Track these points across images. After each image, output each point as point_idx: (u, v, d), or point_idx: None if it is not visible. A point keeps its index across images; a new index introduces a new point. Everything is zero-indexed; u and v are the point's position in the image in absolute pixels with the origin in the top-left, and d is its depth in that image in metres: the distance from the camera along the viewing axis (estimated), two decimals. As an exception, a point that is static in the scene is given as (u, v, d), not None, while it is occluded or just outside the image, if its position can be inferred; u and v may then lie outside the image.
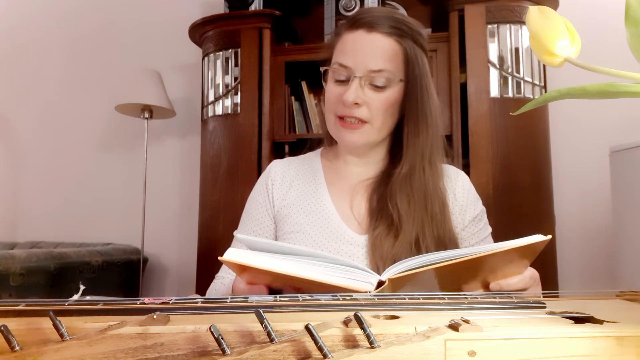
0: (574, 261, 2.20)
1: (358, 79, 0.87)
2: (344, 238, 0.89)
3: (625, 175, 1.62)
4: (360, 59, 0.87)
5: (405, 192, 0.87)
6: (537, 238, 0.61)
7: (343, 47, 0.90)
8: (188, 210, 2.70)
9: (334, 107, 0.91)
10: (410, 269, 0.62)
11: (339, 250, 0.88)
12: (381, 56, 0.87)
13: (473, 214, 0.95)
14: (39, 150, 3.03)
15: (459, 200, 0.94)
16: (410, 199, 0.87)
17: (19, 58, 3.12)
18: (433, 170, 0.90)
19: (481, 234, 0.95)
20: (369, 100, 0.87)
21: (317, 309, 0.48)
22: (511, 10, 2.01)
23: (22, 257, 1.91)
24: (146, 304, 0.48)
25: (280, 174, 1.00)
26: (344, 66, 0.88)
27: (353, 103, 0.87)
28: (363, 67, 0.87)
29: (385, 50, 0.87)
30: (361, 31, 0.88)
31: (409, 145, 0.90)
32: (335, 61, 0.91)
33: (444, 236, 0.86)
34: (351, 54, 0.88)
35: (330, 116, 0.92)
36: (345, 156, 0.99)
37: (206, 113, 2.35)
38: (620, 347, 0.40)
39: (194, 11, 2.76)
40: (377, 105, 0.88)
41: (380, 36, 0.88)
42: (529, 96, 1.99)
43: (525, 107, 0.49)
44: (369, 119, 0.88)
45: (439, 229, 0.86)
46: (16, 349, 0.38)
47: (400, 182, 0.88)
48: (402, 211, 0.86)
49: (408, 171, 0.88)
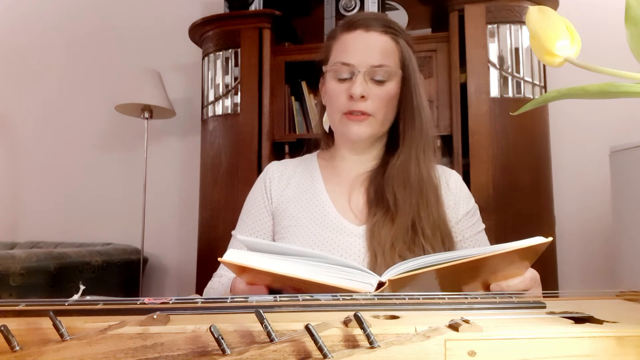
0: (574, 261, 2.20)
1: (362, 74, 0.91)
2: (342, 230, 0.92)
3: (625, 175, 1.62)
4: (362, 55, 0.92)
5: (402, 179, 0.92)
6: (538, 240, 0.61)
7: (343, 47, 0.94)
8: (188, 210, 2.69)
9: (339, 103, 0.94)
10: (411, 270, 0.62)
11: (337, 241, 0.90)
12: (380, 52, 0.92)
13: (466, 208, 0.97)
14: (39, 150, 3.03)
15: (453, 192, 0.97)
16: (406, 185, 0.91)
17: (19, 58, 3.12)
18: (426, 160, 0.94)
19: (475, 228, 0.97)
20: (372, 94, 0.92)
21: (317, 309, 0.48)
22: (511, 10, 2.01)
23: (22, 257, 1.91)
24: (146, 304, 0.48)
25: (277, 172, 1.04)
26: (346, 64, 0.92)
27: (360, 96, 0.90)
28: (365, 63, 0.91)
29: (384, 47, 0.93)
30: (359, 31, 0.93)
31: (405, 137, 0.95)
32: (336, 61, 0.94)
33: (439, 222, 0.90)
34: (352, 52, 0.92)
35: (336, 114, 0.95)
36: (343, 154, 1.01)
37: (206, 113, 2.35)
38: (620, 347, 0.40)
39: (194, 11, 2.76)
40: (379, 99, 0.92)
41: (378, 34, 0.93)
42: (529, 96, 1.99)
43: (525, 107, 0.49)
44: (373, 112, 0.92)
45: (434, 214, 0.89)
46: (16, 349, 0.38)
47: (396, 171, 0.93)
48: (398, 196, 0.90)
49: (404, 161, 0.93)
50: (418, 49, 2.14)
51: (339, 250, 0.89)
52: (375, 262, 0.85)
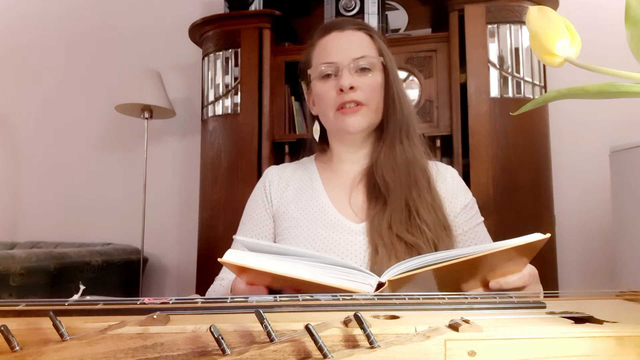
0: (574, 261, 2.20)
1: (346, 68, 0.94)
2: (342, 228, 0.92)
3: (625, 175, 1.62)
4: (342, 51, 0.96)
5: (389, 163, 0.94)
6: (536, 237, 0.61)
7: (323, 49, 0.98)
8: (188, 210, 2.69)
9: (330, 100, 0.96)
10: (410, 270, 0.62)
11: (337, 240, 0.91)
12: (358, 45, 0.97)
13: (464, 201, 0.98)
14: (39, 150, 3.03)
15: (450, 186, 0.98)
16: (394, 168, 0.94)
17: (19, 58, 3.12)
18: (410, 142, 0.97)
19: (473, 221, 0.98)
20: (360, 84, 0.95)
21: (317, 309, 0.48)
22: (511, 10, 2.01)
23: (22, 257, 1.91)
24: (146, 304, 0.48)
25: (277, 176, 1.05)
26: (329, 63, 0.96)
27: (349, 87, 0.93)
28: (347, 57, 0.95)
29: (360, 40, 0.98)
30: (335, 32, 0.99)
31: (388, 122, 0.98)
32: (319, 63, 0.98)
33: (434, 205, 0.91)
34: (333, 51, 0.97)
35: (329, 111, 0.97)
36: (339, 154, 1.03)
37: (206, 113, 2.35)
38: (620, 347, 0.40)
39: (194, 11, 2.76)
40: (369, 87, 0.95)
41: (352, 32, 0.99)
42: (529, 96, 1.99)
43: (525, 107, 0.49)
44: (365, 100, 0.95)
45: (426, 196, 0.92)
46: (16, 349, 0.38)
47: (382, 155, 0.96)
48: (387, 178, 0.92)
49: (389, 145, 0.96)
50: (418, 49, 2.16)
51: (340, 248, 0.90)
52: (376, 256, 0.85)
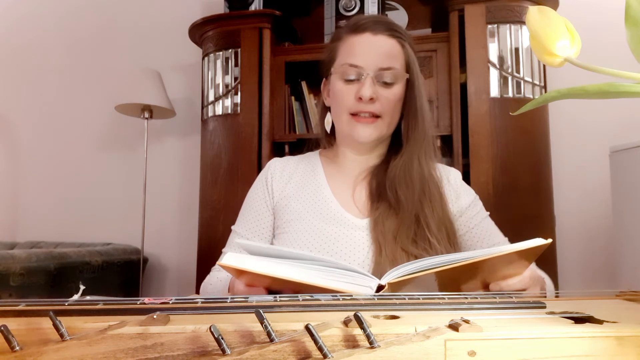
0: (574, 261, 2.20)
1: (370, 77, 0.92)
2: (345, 223, 0.92)
3: (625, 175, 1.62)
4: (370, 58, 0.93)
5: (404, 178, 0.93)
6: (537, 242, 0.61)
7: (351, 49, 0.95)
8: (188, 210, 2.69)
9: (347, 104, 0.95)
10: (411, 273, 0.62)
11: (340, 235, 0.91)
12: (388, 55, 0.94)
13: (468, 199, 0.99)
14: (39, 150, 3.03)
15: (453, 186, 0.99)
16: (409, 184, 0.92)
17: (19, 58, 3.11)
18: (427, 159, 0.96)
19: (479, 216, 0.98)
20: (380, 96, 0.93)
21: (317, 309, 0.48)
22: (511, 10, 2.01)
23: (22, 257, 1.91)
24: (146, 304, 0.48)
25: (279, 168, 1.04)
26: (354, 66, 0.93)
27: (369, 98, 0.91)
28: (373, 66, 0.93)
29: (391, 50, 0.95)
30: (367, 34, 0.95)
31: (408, 138, 0.96)
32: (344, 62, 0.95)
33: (444, 218, 0.91)
34: (360, 54, 0.94)
35: (343, 114, 0.96)
36: (346, 152, 1.02)
37: (206, 113, 2.35)
38: (620, 347, 0.40)
39: (194, 11, 2.76)
40: (387, 101, 0.94)
41: (385, 38, 0.95)
42: (529, 96, 1.99)
43: (525, 107, 0.49)
44: (381, 113, 0.94)
45: (438, 211, 0.91)
46: (16, 349, 0.38)
47: (399, 170, 0.94)
48: (400, 194, 0.91)
49: (406, 161, 0.95)
50: (418, 49, 2.15)
51: (342, 243, 0.90)
52: (380, 254, 0.85)
